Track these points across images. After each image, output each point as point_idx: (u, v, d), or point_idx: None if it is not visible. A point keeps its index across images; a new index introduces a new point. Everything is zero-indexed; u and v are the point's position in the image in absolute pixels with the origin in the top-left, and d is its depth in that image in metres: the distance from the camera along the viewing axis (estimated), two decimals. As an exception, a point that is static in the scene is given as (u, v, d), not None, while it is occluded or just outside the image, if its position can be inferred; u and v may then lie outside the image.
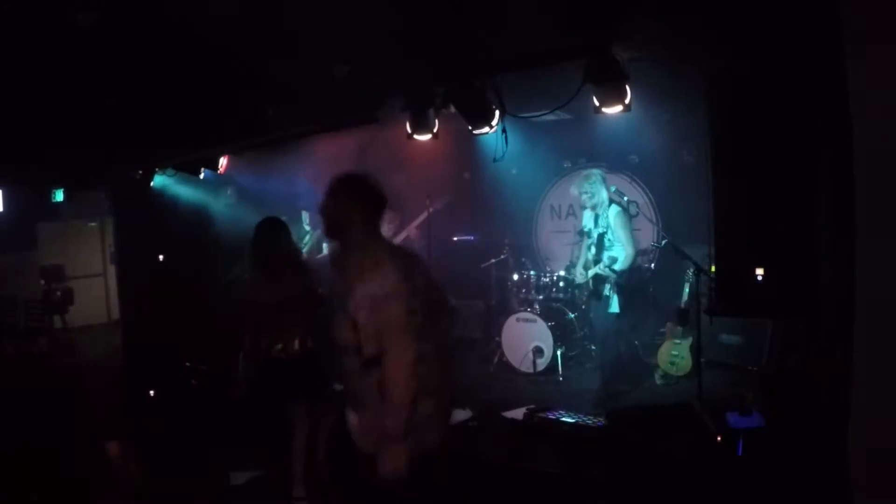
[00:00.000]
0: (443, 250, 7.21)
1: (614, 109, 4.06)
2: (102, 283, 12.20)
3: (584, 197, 5.54)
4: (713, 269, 4.42)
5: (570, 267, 6.90)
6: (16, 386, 7.79)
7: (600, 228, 5.52)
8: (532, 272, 6.83)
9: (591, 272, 5.55)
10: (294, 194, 8.09)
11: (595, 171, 5.77)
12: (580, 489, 4.04)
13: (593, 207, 5.56)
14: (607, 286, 5.47)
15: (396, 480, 2.52)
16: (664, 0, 3.47)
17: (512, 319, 6.49)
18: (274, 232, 4.20)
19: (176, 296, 7.53)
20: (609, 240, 5.48)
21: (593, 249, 5.57)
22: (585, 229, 5.71)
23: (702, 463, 3.63)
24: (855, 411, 2.81)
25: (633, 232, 5.63)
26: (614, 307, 5.48)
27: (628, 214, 5.79)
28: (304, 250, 6.76)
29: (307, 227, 7.66)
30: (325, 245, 7.62)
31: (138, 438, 5.88)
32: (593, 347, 6.60)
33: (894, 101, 2.47)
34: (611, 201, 5.56)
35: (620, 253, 5.42)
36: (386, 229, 6.84)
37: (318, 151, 7.26)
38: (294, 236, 5.42)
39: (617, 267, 5.40)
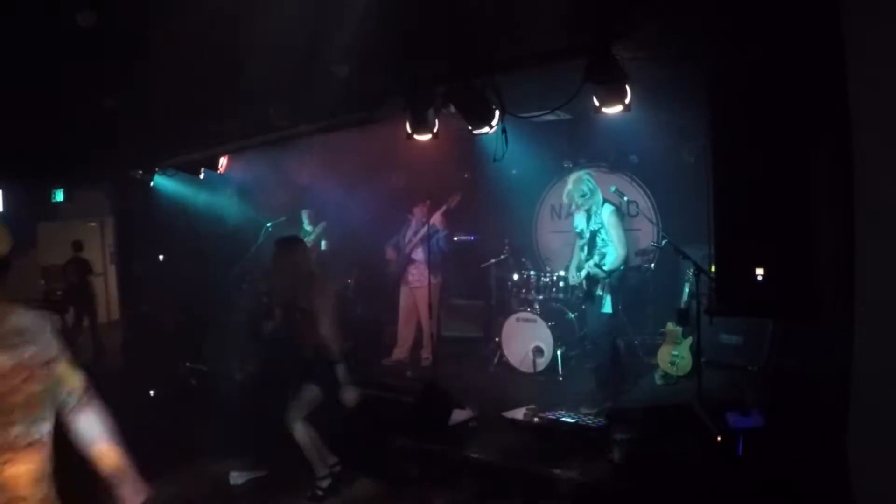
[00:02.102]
0: (444, 250, 7.21)
1: (614, 109, 4.06)
2: (102, 283, 12.20)
3: (581, 200, 5.50)
4: (713, 269, 4.42)
5: (568, 267, 6.90)
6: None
7: (593, 226, 5.49)
8: (532, 272, 6.83)
9: (582, 272, 5.54)
10: (294, 194, 8.10)
11: (583, 173, 5.73)
12: (580, 489, 4.04)
13: (588, 209, 5.55)
14: (599, 286, 5.46)
15: None
16: (664, 0, 3.47)
17: (512, 319, 6.49)
18: None
19: (176, 296, 7.53)
20: (602, 239, 5.46)
21: (585, 249, 5.56)
22: (578, 230, 5.68)
23: (702, 463, 3.62)
24: (855, 411, 2.82)
25: (626, 232, 5.62)
26: (607, 307, 5.47)
27: (622, 213, 5.77)
28: None
29: (307, 228, 7.67)
30: (322, 243, 7.64)
31: (138, 438, 5.88)
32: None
33: (894, 101, 2.46)
34: (604, 200, 5.53)
35: (612, 253, 5.41)
36: (416, 223, 6.94)
37: (317, 151, 7.25)
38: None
39: (606, 266, 5.39)
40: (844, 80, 2.80)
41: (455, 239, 7.50)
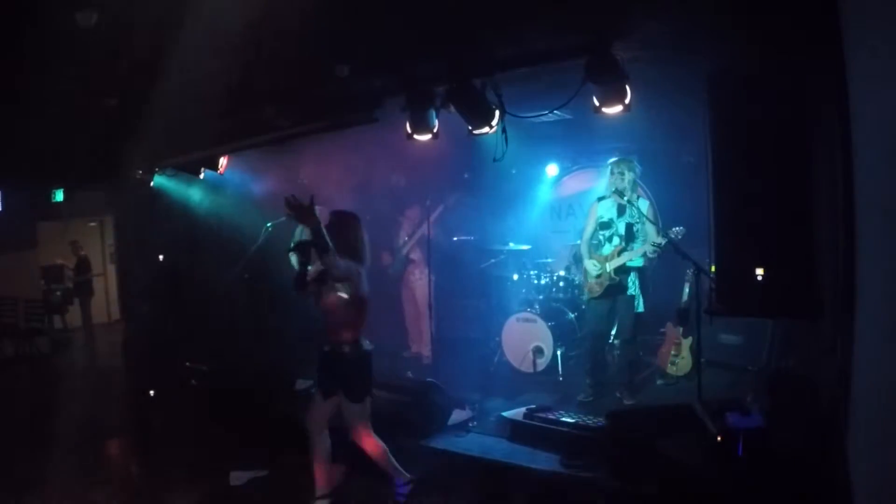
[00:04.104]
0: (443, 250, 7.22)
1: (614, 109, 4.06)
2: (102, 283, 12.20)
3: (615, 177, 5.32)
4: (713, 269, 4.41)
5: (570, 266, 6.88)
6: (16, 386, 7.80)
7: (628, 219, 5.36)
8: (532, 272, 6.83)
9: (612, 263, 5.34)
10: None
11: (631, 157, 5.59)
12: (580, 489, 4.04)
13: (621, 193, 5.31)
14: (630, 282, 5.39)
15: None
16: (664, 0, 3.47)
17: (512, 319, 6.49)
18: None
19: (176, 296, 7.53)
20: (636, 230, 5.37)
21: (616, 240, 5.39)
22: (605, 219, 5.48)
23: (702, 463, 3.62)
24: (855, 411, 2.81)
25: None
26: (640, 307, 5.42)
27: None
28: None
29: None
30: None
31: (138, 438, 5.88)
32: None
33: (894, 100, 2.46)
34: (638, 195, 5.43)
35: (639, 246, 5.33)
36: (409, 225, 6.90)
37: (317, 151, 7.25)
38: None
39: (636, 263, 5.36)
40: (844, 79, 2.80)
41: (455, 239, 7.50)
